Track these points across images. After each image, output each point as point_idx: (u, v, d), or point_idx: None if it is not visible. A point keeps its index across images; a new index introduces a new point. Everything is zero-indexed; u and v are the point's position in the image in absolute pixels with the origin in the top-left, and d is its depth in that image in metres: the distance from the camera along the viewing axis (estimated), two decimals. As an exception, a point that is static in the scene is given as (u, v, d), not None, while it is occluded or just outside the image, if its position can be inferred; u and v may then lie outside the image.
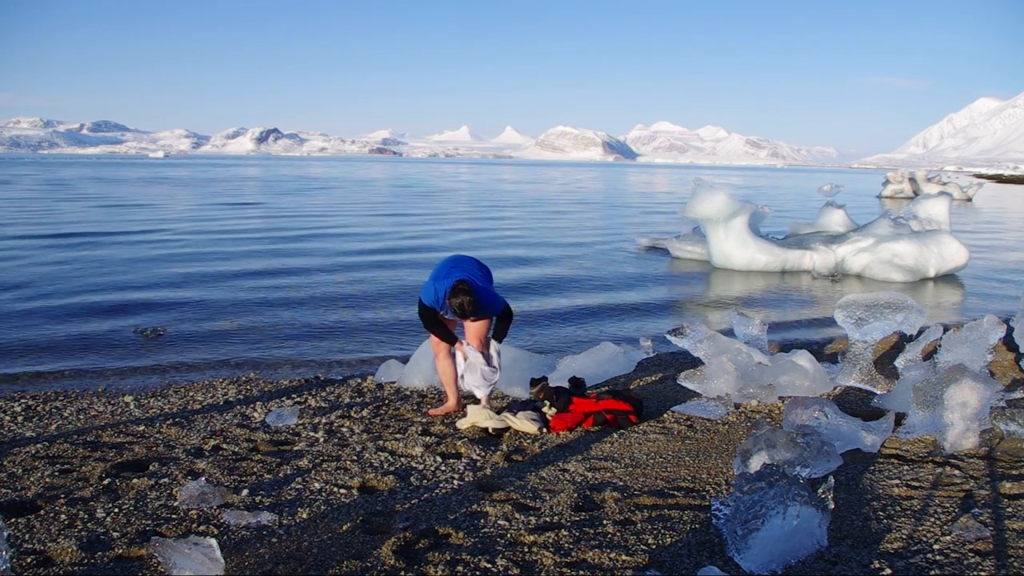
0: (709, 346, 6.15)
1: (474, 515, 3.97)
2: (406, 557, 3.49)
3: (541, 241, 19.62)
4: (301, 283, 12.58)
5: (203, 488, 4.11)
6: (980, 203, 45.07)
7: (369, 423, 5.62)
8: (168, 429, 5.43)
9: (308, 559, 3.47)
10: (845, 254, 14.81)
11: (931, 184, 46.89)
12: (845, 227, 16.97)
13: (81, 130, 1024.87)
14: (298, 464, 4.71)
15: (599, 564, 3.43)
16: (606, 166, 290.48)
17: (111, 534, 3.69)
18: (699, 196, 15.06)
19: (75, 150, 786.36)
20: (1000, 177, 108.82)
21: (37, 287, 11.68)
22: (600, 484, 4.44)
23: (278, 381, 6.96)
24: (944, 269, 14.32)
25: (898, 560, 3.45)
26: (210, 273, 13.40)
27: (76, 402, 6.16)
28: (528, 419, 5.43)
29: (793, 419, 5.00)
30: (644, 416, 5.80)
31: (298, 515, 3.95)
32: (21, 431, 5.37)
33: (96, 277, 12.73)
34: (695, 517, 3.94)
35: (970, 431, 4.96)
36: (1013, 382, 6.80)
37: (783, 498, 3.41)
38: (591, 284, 13.32)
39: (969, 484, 4.39)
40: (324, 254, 16.26)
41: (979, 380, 5.00)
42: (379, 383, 6.83)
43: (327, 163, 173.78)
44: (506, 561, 3.44)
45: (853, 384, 6.61)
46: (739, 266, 14.91)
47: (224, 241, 18.16)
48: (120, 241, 17.77)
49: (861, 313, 6.43)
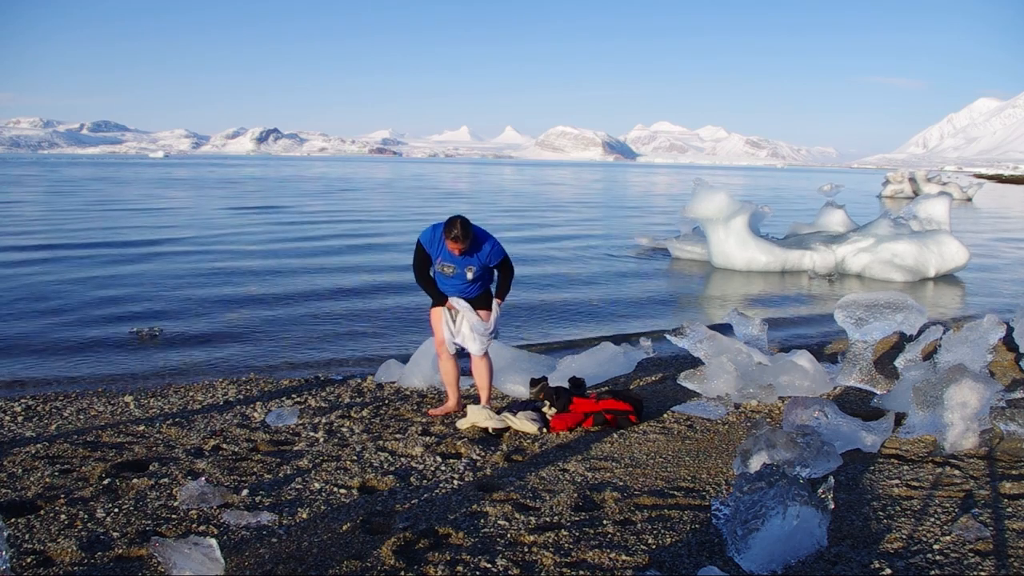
0: (709, 346, 6.15)
1: (474, 515, 3.97)
2: (406, 557, 3.49)
3: (541, 241, 19.62)
4: (300, 283, 12.58)
5: (203, 488, 4.11)
6: (980, 203, 45.09)
7: (369, 423, 5.62)
8: (168, 429, 5.42)
9: (308, 559, 3.46)
10: (845, 254, 14.81)
11: (931, 184, 46.91)
12: (845, 227, 16.97)
13: (81, 130, 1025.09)
14: (298, 464, 4.71)
15: (599, 564, 3.43)
16: (606, 166, 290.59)
17: (111, 534, 3.69)
18: (699, 196, 15.07)
19: (75, 150, 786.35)
20: (1000, 177, 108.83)
21: (64, 298, 11.69)
22: (600, 484, 4.44)
23: (278, 381, 6.96)
24: (944, 269, 14.32)
25: (898, 560, 3.45)
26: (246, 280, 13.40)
27: (76, 402, 6.16)
28: (528, 419, 5.43)
29: (793, 419, 5.00)
30: (644, 416, 5.80)
31: (298, 515, 3.94)
32: (21, 431, 5.37)
33: (130, 288, 12.72)
34: (695, 517, 3.94)
35: (970, 431, 4.96)
36: (1013, 382, 6.80)
37: (783, 498, 3.41)
38: (591, 283, 13.33)
39: (969, 484, 4.39)
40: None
41: (979, 380, 5.00)
42: (379, 383, 6.83)
43: (331, 163, 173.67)
44: (506, 561, 3.44)
45: (853, 384, 6.61)
46: (739, 266, 14.91)
47: (295, 253, 16.09)
48: (170, 252, 16.19)
49: (861, 313, 6.43)
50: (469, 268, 5.35)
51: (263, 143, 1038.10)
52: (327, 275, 13.49)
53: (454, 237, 5.15)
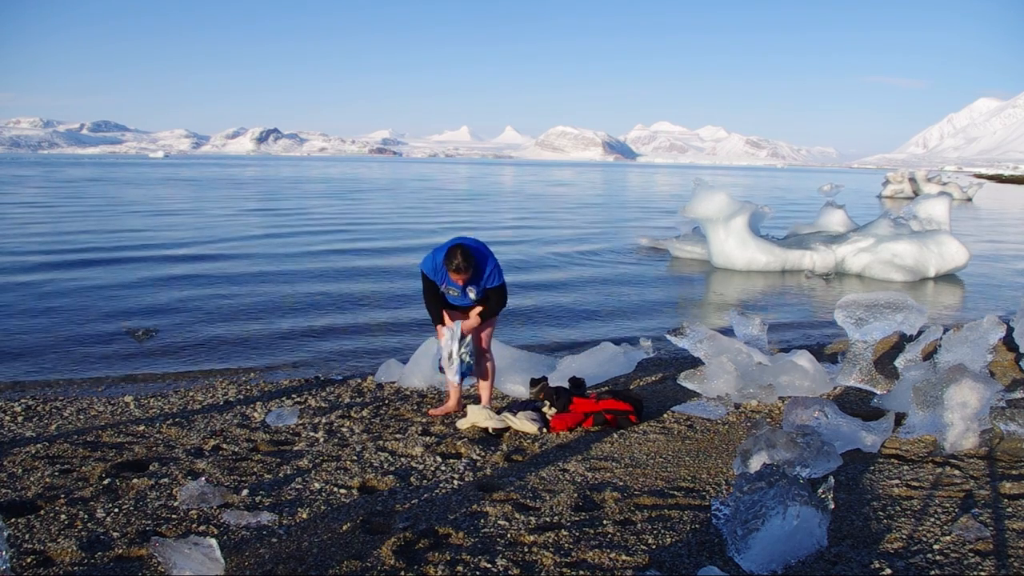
0: (709, 346, 6.15)
1: (474, 515, 3.97)
2: (406, 557, 3.49)
3: (541, 241, 19.62)
4: (301, 283, 12.58)
5: (203, 488, 4.11)
6: (980, 203, 45.08)
7: (369, 423, 5.62)
8: (168, 429, 5.43)
9: (308, 559, 3.47)
10: (845, 254, 14.81)
11: (931, 184, 46.89)
12: (845, 227, 16.96)
13: (81, 130, 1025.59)
14: (298, 464, 4.71)
15: (599, 564, 3.43)
16: (606, 166, 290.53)
17: (111, 534, 3.69)
18: (699, 196, 15.07)
19: (75, 150, 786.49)
20: (1000, 177, 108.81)
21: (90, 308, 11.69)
22: (600, 484, 4.44)
23: (278, 381, 6.96)
24: (944, 269, 14.31)
25: (898, 560, 3.45)
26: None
27: (76, 402, 6.16)
28: (528, 419, 5.43)
29: (793, 419, 5.00)
30: (644, 416, 5.80)
31: (298, 515, 3.95)
32: (21, 431, 5.37)
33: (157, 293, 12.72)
34: (695, 517, 3.94)
35: (970, 431, 4.96)
36: (1013, 382, 6.80)
37: (783, 498, 3.41)
38: (591, 284, 13.32)
39: (969, 484, 4.39)
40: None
41: (979, 380, 5.00)
42: (379, 383, 6.83)
43: (332, 163, 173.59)
44: (506, 561, 3.44)
45: (853, 384, 6.61)
46: (739, 266, 14.91)
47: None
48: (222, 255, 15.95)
49: (861, 313, 6.43)
50: (470, 289, 5.44)
51: (263, 143, 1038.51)
52: (326, 274, 13.49)
53: (455, 268, 5.20)
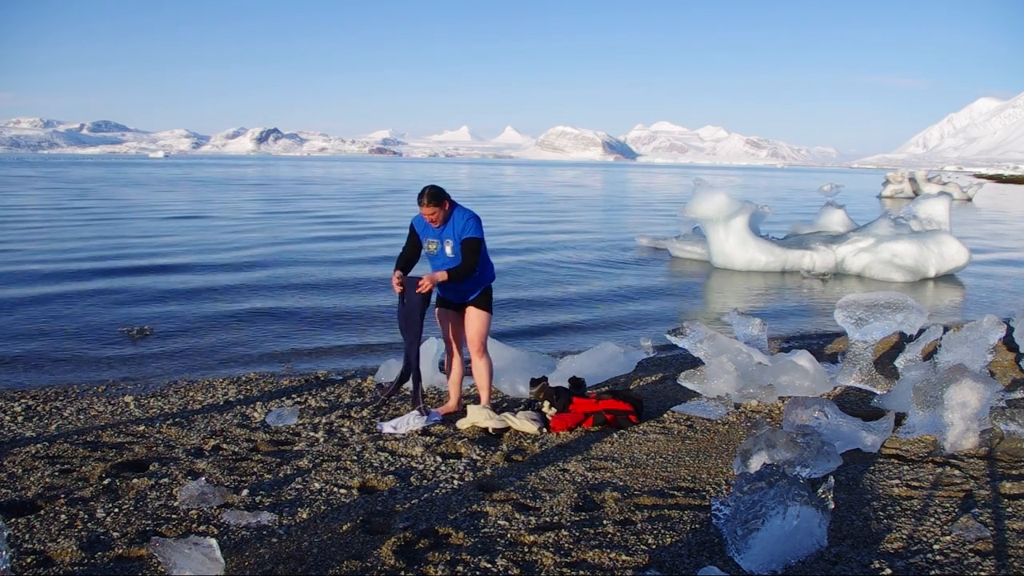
0: (709, 346, 6.15)
1: (474, 515, 3.97)
2: (406, 557, 3.49)
3: (541, 240, 19.61)
4: (301, 283, 12.58)
5: (203, 488, 4.11)
6: (980, 203, 45.07)
7: (369, 423, 5.62)
8: (168, 429, 5.43)
9: (308, 559, 3.47)
10: (845, 254, 14.81)
11: (931, 184, 46.90)
12: (845, 227, 16.97)
13: (81, 130, 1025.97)
14: (298, 464, 4.71)
15: (599, 564, 3.43)
16: (606, 166, 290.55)
17: (111, 534, 3.69)
18: (699, 196, 15.07)
19: (75, 150, 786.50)
20: (1000, 177, 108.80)
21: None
22: (600, 484, 4.44)
23: (278, 381, 6.96)
24: (944, 269, 14.31)
25: (898, 560, 3.45)
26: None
27: (76, 402, 6.16)
28: (528, 419, 5.43)
29: (793, 419, 5.00)
30: (644, 416, 5.80)
31: (298, 515, 3.95)
32: (21, 431, 5.37)
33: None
34: (695, 517, 3.94)
35: (970, 431, 4.96)
36: (1013, 382, 6.80)
37: (783, 498, 3.41)
38: (591, 284, 13.32)
39: (969, 484, 4.39)
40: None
41: (979, 380, 5.00)
42: (379, 383, 6.83)
43: (333, 163, 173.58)
44: (506, 561, 3.44)
45: (853, 384, 6.61)
46: (739, 266, 14.91)
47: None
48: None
49: (861, 313, 6.43)
50: (447, 242, 5.43)
51: (263, 143, 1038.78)
52: (328, 275, 13.49)
53: (422, 203, 5.31)
